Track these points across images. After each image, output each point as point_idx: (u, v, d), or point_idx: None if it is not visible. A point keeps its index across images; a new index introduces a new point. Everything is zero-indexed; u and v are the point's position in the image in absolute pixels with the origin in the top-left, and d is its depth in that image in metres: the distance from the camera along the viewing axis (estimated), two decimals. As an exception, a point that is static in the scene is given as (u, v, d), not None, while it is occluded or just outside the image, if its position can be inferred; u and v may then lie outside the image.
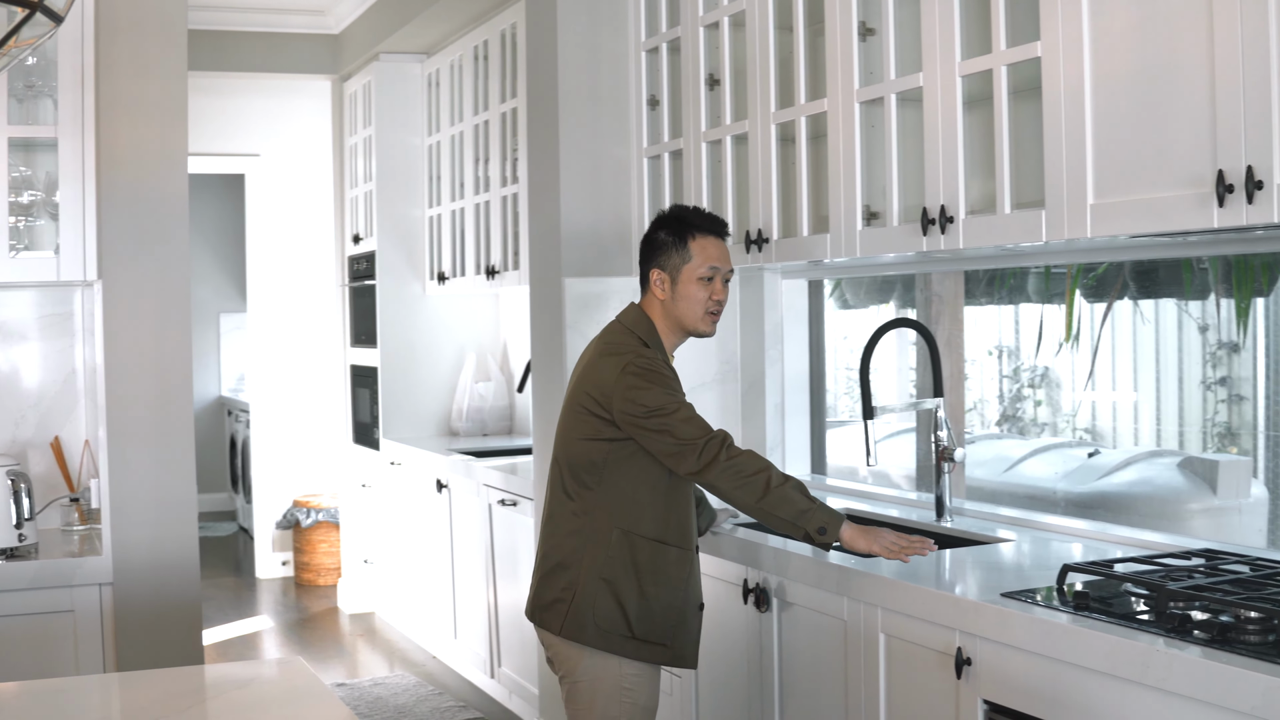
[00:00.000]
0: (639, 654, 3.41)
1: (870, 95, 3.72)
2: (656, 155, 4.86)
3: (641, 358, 3.38)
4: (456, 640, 6.40)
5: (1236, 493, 5.63)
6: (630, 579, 3.39)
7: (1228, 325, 7.41)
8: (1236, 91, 2.63)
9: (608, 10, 4.92)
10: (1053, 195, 3.08)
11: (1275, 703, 2.26)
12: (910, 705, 3.16)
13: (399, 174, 7.42)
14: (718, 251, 3.50)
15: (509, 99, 6.28)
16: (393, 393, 7.38)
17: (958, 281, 5.67)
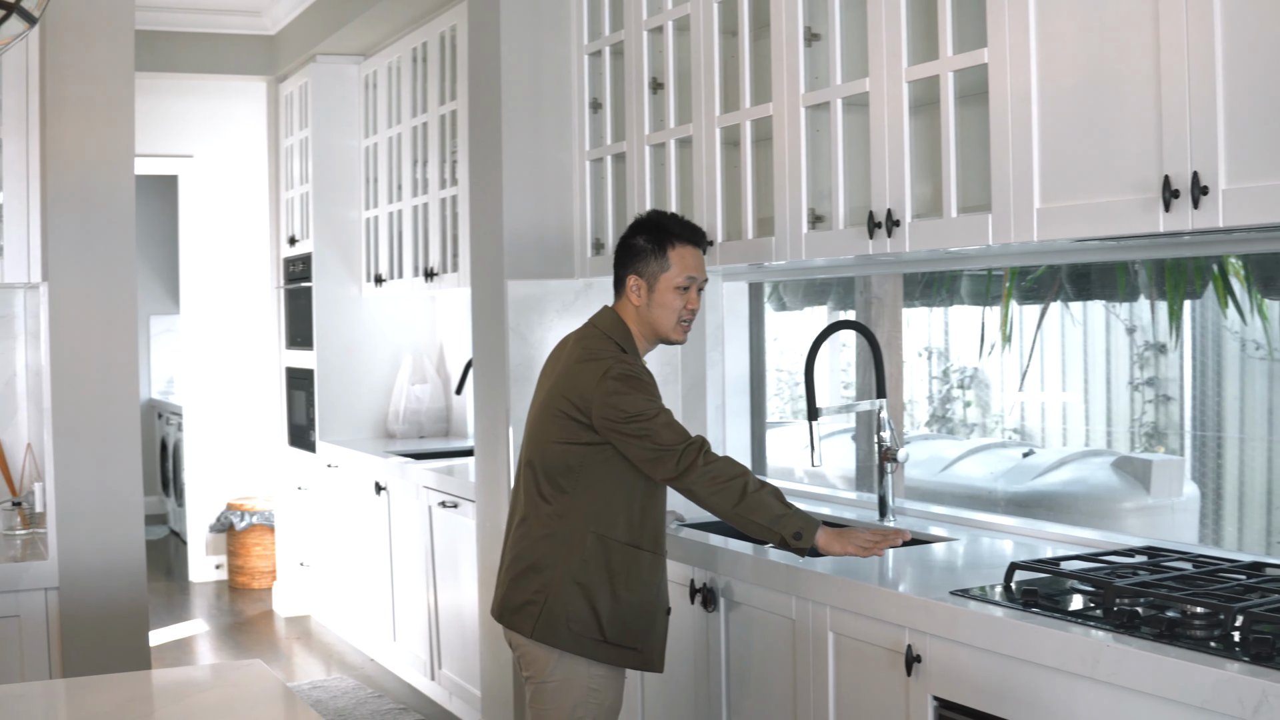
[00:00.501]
0: (609, 657, 3.43)
1: (816, 100, 3.77)
2: (599, 158, 4.89)
3: (621, 363, 3.40)
4: (396, 642, 6.39)
5: (1169, 491, 5.74)
6: (604, 583, 3.41)
7: (1155, 327, 7.53)
8: (1182, 98, 2.70)
9: (550, 14, 4.94)
10: (999, 199, 3.14)
11: (1224, 695, 2.33)
12: (860, 703, 3.20)
13: (336, 176, 7.40)
14: (695, 261, 3.53)
15: (448, 101, 6.29)
16: (329, 395, 7.36)
17: (897, 284, 5.75)
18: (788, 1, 3.84)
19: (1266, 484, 7.69)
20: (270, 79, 8.02)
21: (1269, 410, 7.82)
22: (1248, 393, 7.86)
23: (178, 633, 7.57)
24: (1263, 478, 7.50)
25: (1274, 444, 7.60)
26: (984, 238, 3.20)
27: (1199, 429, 8.45)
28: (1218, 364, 8.09)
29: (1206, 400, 8.25)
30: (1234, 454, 7.55)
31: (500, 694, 4.97)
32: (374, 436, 7.43)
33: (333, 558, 7.25)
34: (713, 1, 4.19)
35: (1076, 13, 2.94)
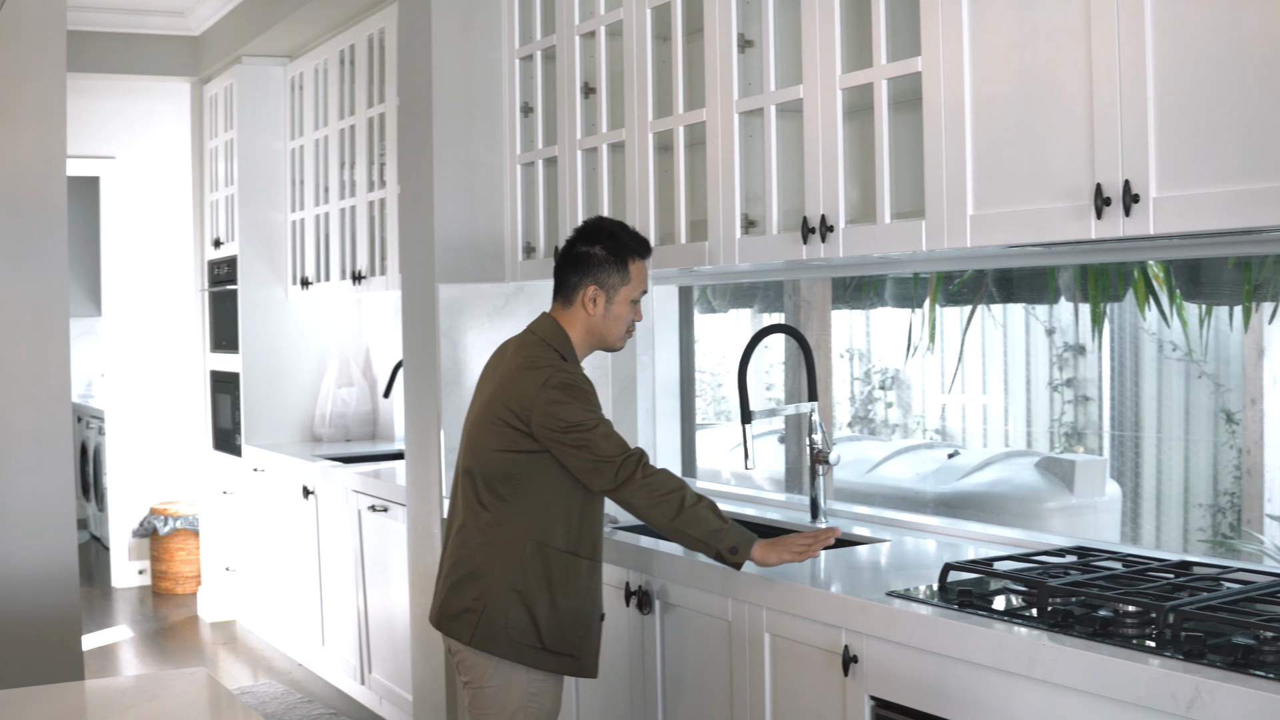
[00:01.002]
0: (547, 665, 3.45)
1: (749, 106, 3.80)
2: (530, 162, 4.89)
3: (562, 372, 3.41)
4: (324, 647, 6.35)
5: (1092, 491, 5.85)
6: (543, 591, 3.42)
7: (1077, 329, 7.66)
8: (1113, 107, 2.75)
9: (481, 17, 4.94)
10: (933, 206, 3.18)
11: (1158, 692, 2.38)
12: (797, 704, 3.24)
13: (261, 178, 7.34)
14: (646, 274, 3.60)
15: (376, 104, 6.26)
16: (255, 398, 7.30)
17: (826, 287, 5.81)
18: (721, 8, 3.87)
19: (1184, 483, 7.84)
20: (194, 80, 7.94)
21: (1185, 410, 7.97)
22: (1165, 393, 8.01)
23: (101, 639, 7.48)
24: (1180, 476, 7.65)
25: (1191, 443, 7.76)
26: (918, 243, 3.25)
27: (1117, 429, 8.61)
28: (1135, 365, 8.25)
29: (1125, 401, 8.42)
30: (1152, 453, 7.70)
31: (433, 698, 4.97)
32: (300, 440, 7.38)
33: (259, 562, 7.20)
34: (646, 7, 4.21)
35: (1009, 22, 2.99)
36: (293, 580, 6.73)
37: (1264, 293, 4.79)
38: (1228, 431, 7.95)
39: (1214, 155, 2.61)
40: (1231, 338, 7.55)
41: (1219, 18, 2.60)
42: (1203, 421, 7.87)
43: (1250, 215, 2.56)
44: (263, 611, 7.24)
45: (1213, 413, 8.23)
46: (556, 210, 4.74)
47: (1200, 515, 7.58)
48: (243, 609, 7.59)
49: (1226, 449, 7.82)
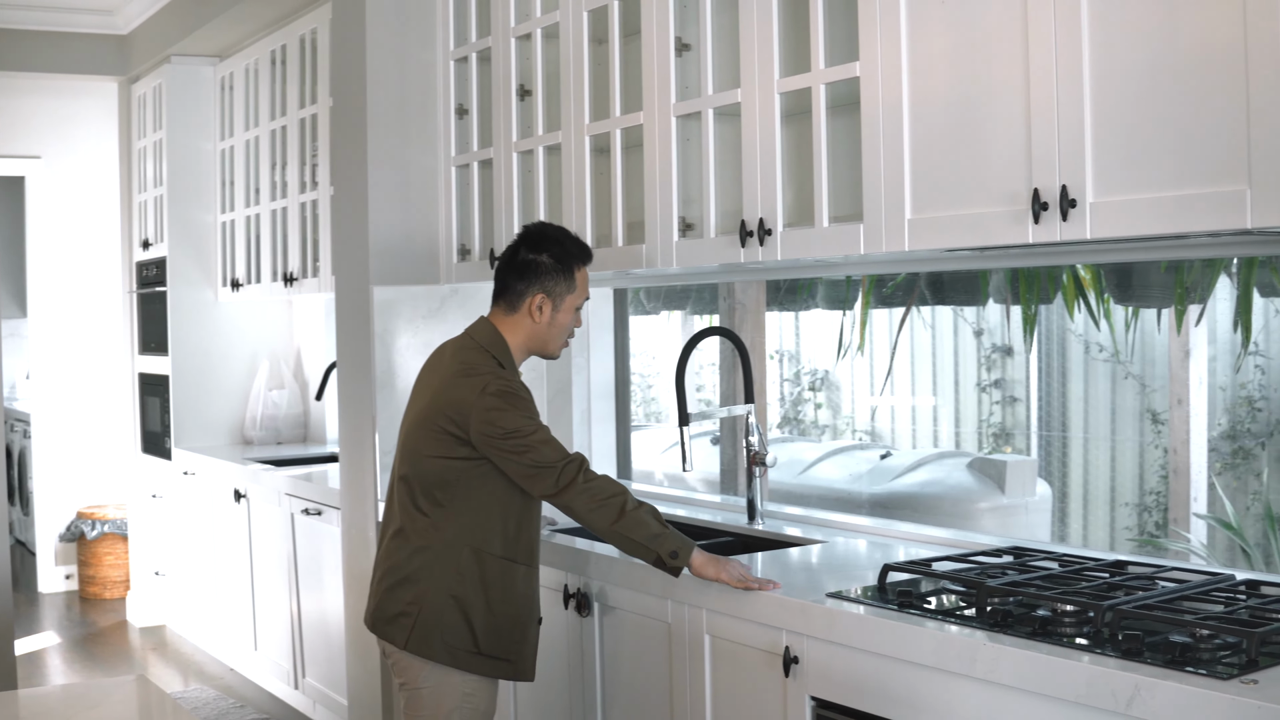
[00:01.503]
0: (483, 669, 3.45)
1: (687, 109, 3.81)
2: (465, 164, 4.88)
3: (500, 379, 3.40)
4: (257, 652, 6.30)
5: (1023, 491, 5.92)
6: (479, 596, 3.42)
7: (1007, 331, 7.76)
8: (1050, 113, 2.79)
9: (415, 19, 4.91)
10: (871, 209, 3.20)
11: (1098, 690, 2.41)
12: (737, 705, 3.25)
13: (191, 179, 7.27)
14: (587, 282, 3.61)
15: (308, 104, 6.22)
16: (185, 401, 7.22)
17: (760, 289, 5.83)
18: (659, 12, 3.88)
19: (1111, 482, 7.96)
20: (122, 79, 7.85)
21: (1112, 411, 8.09)
22: (1092, 394, 8.13)
23: (28, 645, 7.37)
24: (1108, 476, 7.77)
25: (1118, 444, 7.88)
26: (855, 247, 3.27)
27: (1045, 429, 8.72)
28: (1063, 367, 8.36)
29: (1052, 401, 8.53)
30: (1080, 454, 7.81)
31: (368, 702, 4.93)
32: (230, 443, 7.31)
33: (190, 566, 7.13)
34: (583, 9, 4.21)
35: (947, 28, 3.02)
36: (224, 584, 6.66)
37: (1193, 295, 4.87)
38: (1153, 432, 8.09)
39: (1149, 161, 2.64)
40: (1158, 339, 7.68)
41: (1154, 25, 2.63)
42: (1129, 422, 7.99)
43: (1184, 220, 2.60)
44: (193, 616, 7.17)
45: (1138, 413, 8.36)
46: (492, 213, 4.73)
47: (1128, 514, 7.69)
48: (173, 614, 7.51)
49: (1153, 449, 7.95)
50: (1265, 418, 7.78)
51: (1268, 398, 7.73)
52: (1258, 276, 4.32)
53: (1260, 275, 4.27)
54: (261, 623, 6.23)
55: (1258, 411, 7.68)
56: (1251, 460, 7.67)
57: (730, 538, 4.11)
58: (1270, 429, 7.66)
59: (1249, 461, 7.63)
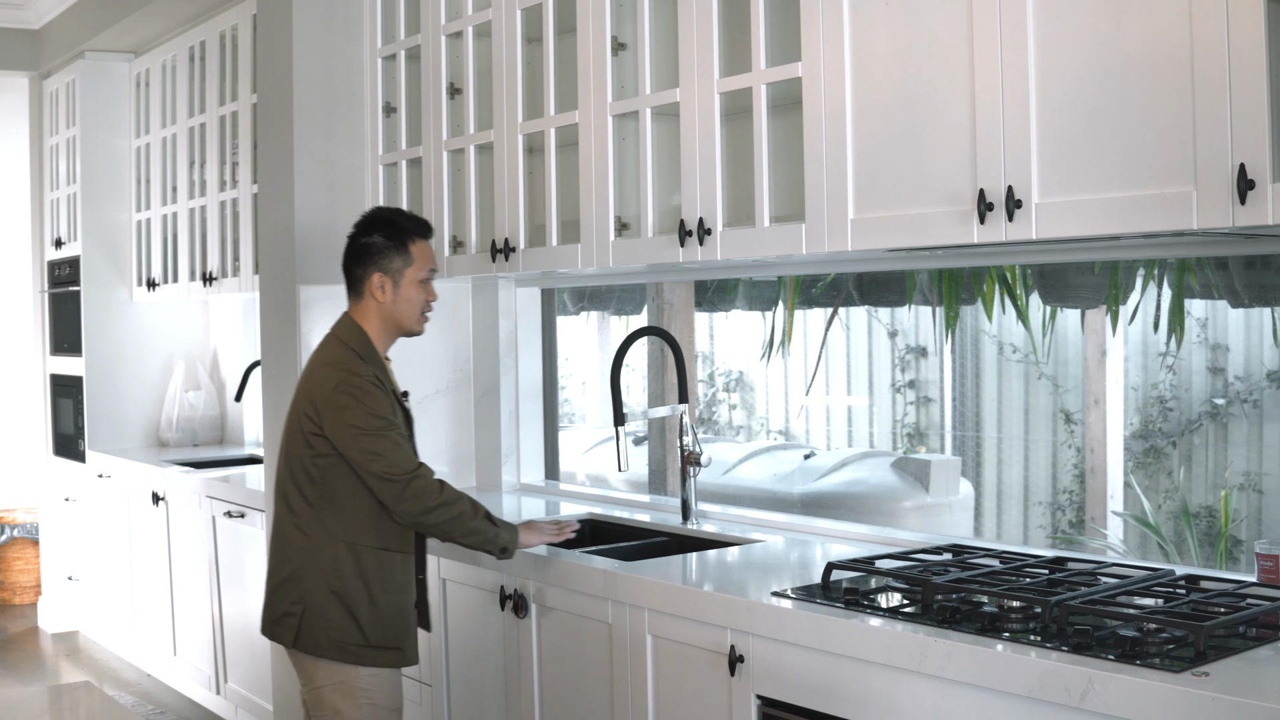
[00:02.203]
0: (375, 660, 3.47)
1: (624, 109, 3.80)
2: (393, 163, 4.83)
3: (355, 376, 3.43)
4: (176, 657, 6.19)
5: (947, 490, 5.99)
6: (360, 589, 3.44)
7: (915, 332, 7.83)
8: (996, 116, 2.81)
9: (342, 16, 4.86)
10: (813, 209, 3.21)
11: (1051, 684, 2.44)
12: (681, 705, 3.24)
13: (105, 176, 7.12)
14: (431, 254, 3.63)
15: (229, 102, 6.12)
16: (99, 403, 7.08)
17: (689, 290, 5.84)
18: (595, 11, 3.86)
19: (1024, 481, 8.06)
20: (34, 75, 7.68)
21: (1027, 411, 8.20)
22: (1008, 394, 8.22)
23: (-66, 654, 7.21)
24: (1026, 476, 7.87)
25: (1038, 444, 7.97)
26: (798, 246, 3.27)
27: (959, 429, 8.81)
28: (977, 367, 8.45)
29: (967, 401, 8.62)
30: (996, 453, 7.90)
31: (293, 706, 4.86)
32: (146, 445, 7.19)
33: (105, 571, 6.99)
34: (516, 8, 4.18)
35: (891, 30, 3.03)
36: (141, 589, 6.54)
37: (1123, 297, 4.94)
38: (1066, 431, 8.21)
39: (1096, 162, 2.68)
40: (1072, 341, 7.79)
41: (1100, 28, 2.67)
42: (1046, 422, 8.10)
43: (1131, 221, 2.63)
44: (108, 621, 7.03)
45: (1054, 413, 8.48)
46: (421, 212, 4.68)
47: (1046, 512, 7.80)
48: (86, 619, 7.36)
49: (1069, 448, 8.07)
50: (1176, 417, 7.93)
51: (1178, 398, 7.88)
52: (1172, 279, 4.40)
53: (1173, 278, 4.35)
54: (181, 627, 6.12)
55: (1169, 411, 7.83)
56: (1163, 459, 7.82)
57: (665, 538, 4.11)
58: (1181, 428, 7.81)
59: (1160, 460, 7.78)
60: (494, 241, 4.28)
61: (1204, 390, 7.57)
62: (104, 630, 7.11)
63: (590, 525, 4.42)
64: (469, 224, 4.45)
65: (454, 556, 3.99)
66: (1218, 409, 7.44)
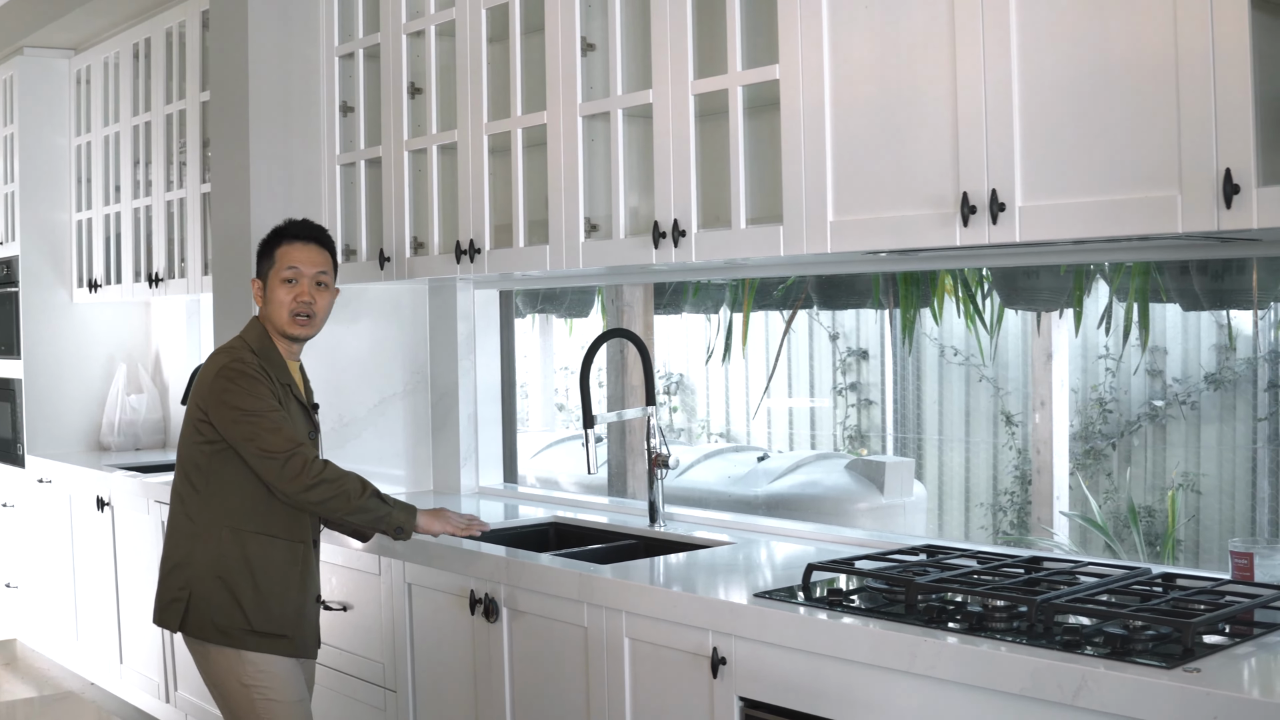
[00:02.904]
0: (260, 646, 3.51)
1: (595, 110, 3.79)
2: (351, 163, 4.79)
3: (237, 362, 3.51)
4: (123, 665, 6.09)
5: (901, 491, 6.02)
6: (244, 574, 3.50)
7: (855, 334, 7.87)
8: (979, 119, 2.83)
9: (298, 13, 4.81)
10: (791, 211, 3.21)
11: (1044, 682, 2.45)
12: (660, 708, 3.23)
13: (44, 175, 7.00)
14: (302, 255, 3.66)
15: (176, 100, 6.04)
16: (38, 406, 6.96)
17: (647, 292, 5.84)
18: (564, 11, 3.85)
19: (965, 483, 8.12)
20: (-32, 71, 7.54)
21: (965, 412, 8.26)
22: (951, 396, 8.28)
23: None
24: (972, 477, 7.92)
25: (986, 445, 8.01)
26: (775, 248, 3.27)
27: (900, 431, 8.86)
28: (919, 369, 8.50)
29: (908, 403, 8.67)
30: (949, 455, 7.95)
31: (250, 714, 4.81)
32: (86, 449, 7.07)
33: (45, 578, 6.87)
34: (480, 7, 4.16)
35: (871, 33, 3.04)
36: (85, 596, 6.43)
37: (1081, 299, 4.99)
38: (1008, 433, 8.29)
39: (1080, 166, 2.70)
40: (1015, 343, 7.85)
41: (1084, 33, 2.69)
42: (989, 424, 8.16)
43: (1115, 225, 2.66)
44: (49, 629, 6.91)
45: (992, 415, 8.55)
46: (380, 212, 4.65)
47: (994, 513, 7.86)
48: (25, 627, 7.22)
49: (1007, 450, 8.14)
50: (1115, 419, 8.03)
51: (1118, 399, 7.98)
52: (1136, 283, 4.46)
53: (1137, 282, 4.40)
54: (128, 635, 6.02)
55: (1109, 413, 7.93)
56: (1103, 460, 7.92)
57: (633, 540, 4.10)
58: (1121, 429, 7.92)
59: (1100, 461, 7.87)
60: (458, 243, 4.25)
61: (1143, 392, 7.68)
62: (44, 638, 6.98)
63: (554, 528, 4.40)
64: (431, 225, 4.42)
65: (420, 561, 3.96)
66: (1157, 410, 7.55)
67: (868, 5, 3.05)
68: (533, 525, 4.40)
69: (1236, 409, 7.26)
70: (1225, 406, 7.34)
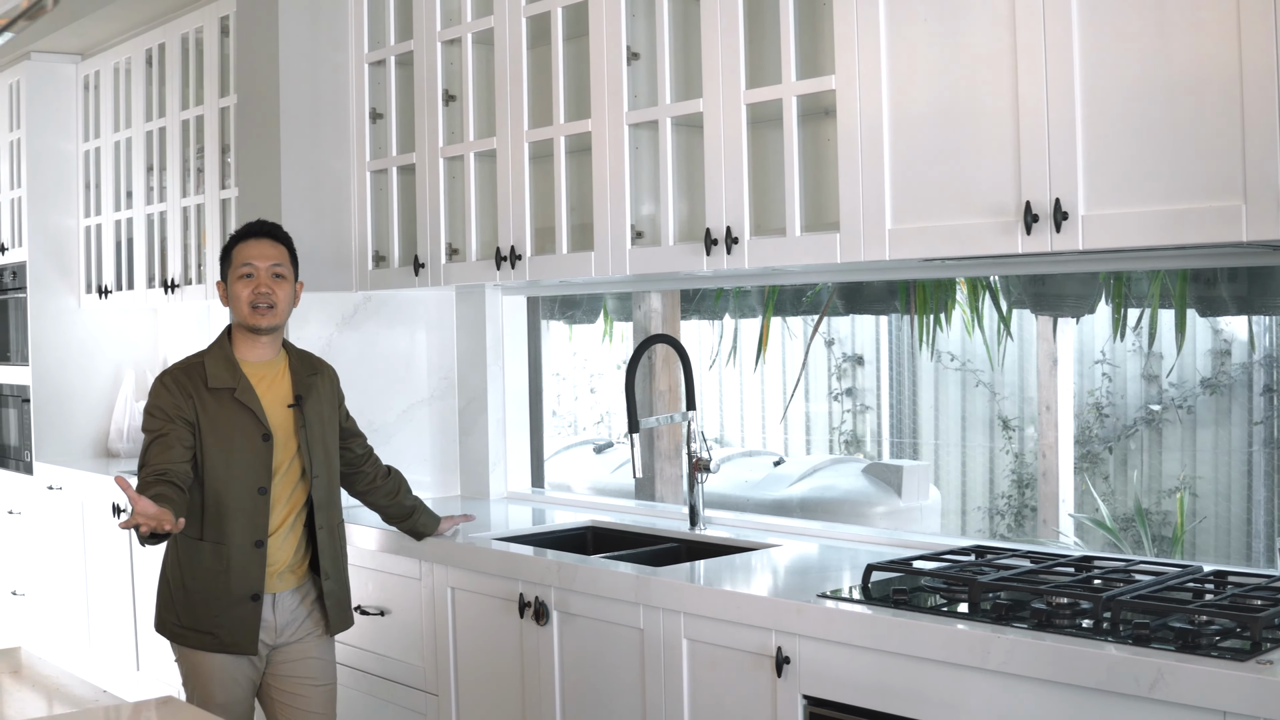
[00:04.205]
0: (187, 640, 3.70)
1: (642, 118, 3.84)
2: (382, 170, 4.83)
3: (166, 376, 3.70)
4: (140, 672, 6.10)
5: (918, 494, 6.10)
6: (176, 573, 3.72)
7: (851, 340, 7.93)
8: (1040, 131, 2.90)
9: (326, 21, 4.85)
10: (848, 219, 3.27)
11: (1120, 676, 2.52)
12: (720, 708, 3.27)
13: (52, 181, 7.00)
14: (255, 251, 3.77)
15: (193, 106, 6.06)
16: (46, 413, 6.95)
17: (674, 299, 5.89)
18: (609, 20, 3.90)
19: (971, 485, 8.20)
20: (-26, 76, 7.53)
21: (969, 417, 8.35)
22: (955, 402, 8.37)
23: None
24: (979, 479, 8.00)
25: (984, 450, 8.12)
26: (831, 255, 3.34)
27: (896, 435, 8.93)
28: (913, 374, 8.59)
29: (904, 408, 8.76)
30: (940, 458, 8.03)
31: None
32: (94, 455, 7.07)
33: (53, 585, 6.86)
34: (521, 16, 4.21)
35: (930, 46, 3.11)
36: (97, 602, 6.44)
37: (1088, 306, 5.08)
38: (1004, 437, 8.38)
39: (1143, 176, 2.78)
40: (1014, 349, 7.94)
41: (1147, 45, 2.77)
42: (989, 429, 8.25)
43: (1179, 233, 2.74)
44: (56, 637, 6.90)
45: (988, 420, 8.65)
46: (414, 219, 4.70)
47: (1000, 515, 7.95)
48: (30, 635, 7.21)
49: (1006, 454, 8.24)
50: (1113, 423, 8.14)
51: (1114, 404, 8.09)
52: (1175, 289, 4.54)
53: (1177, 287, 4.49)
54: (146, 642, 6.03)
55: (1105, 417, 8.04)
56: (1099, 463, 8.02)
57: (675, 544, 4.15)
58: (1118, 433, 8.02)
59: (1097, 464, 7.98)
60: (498, 249, 4.30)
61: (1140, 397, 7.78)
62: (51, 646, 6.97)
63: (591, 532, 4.45)
64: (467, 231, 4.47)
65: (462, 566, 4.01)
66: (1154, 415, 7.65)
67: (926, 19, 3.12)
68: (569, 530, 4.45)
69: (1232, 413, 7.37)
70: (1221, 410, 7.45)
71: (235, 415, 3.67)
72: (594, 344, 8.97)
